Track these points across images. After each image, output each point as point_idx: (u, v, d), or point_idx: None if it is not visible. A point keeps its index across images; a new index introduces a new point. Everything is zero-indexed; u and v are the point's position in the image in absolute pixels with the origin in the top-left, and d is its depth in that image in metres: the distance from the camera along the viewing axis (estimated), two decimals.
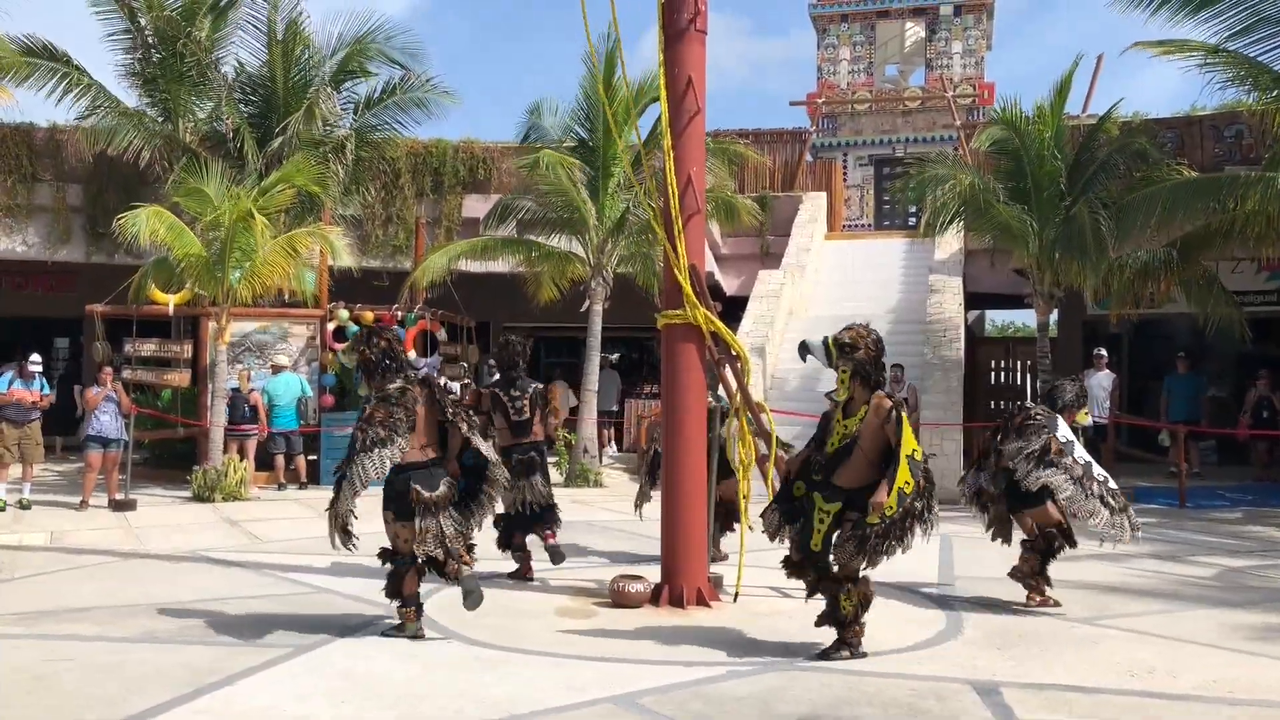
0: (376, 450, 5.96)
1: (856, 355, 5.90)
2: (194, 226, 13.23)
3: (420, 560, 6.17)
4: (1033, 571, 7.23)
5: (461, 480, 6.40)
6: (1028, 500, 7.18)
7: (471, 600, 6.08)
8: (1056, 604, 7.15)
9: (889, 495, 5.56)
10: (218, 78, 15.76)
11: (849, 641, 5.84)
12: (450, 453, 6.36)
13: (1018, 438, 7.10)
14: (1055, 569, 7.50)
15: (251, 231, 12.68)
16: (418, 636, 6.18)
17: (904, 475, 5.59)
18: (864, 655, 5.82)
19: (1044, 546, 7.21)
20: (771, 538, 6.13)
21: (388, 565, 6.30)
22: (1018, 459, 7.00)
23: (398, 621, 6.27)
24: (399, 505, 6.16)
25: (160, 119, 15.91)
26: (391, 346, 6.33)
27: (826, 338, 6.08)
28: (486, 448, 6.32)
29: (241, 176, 14.78)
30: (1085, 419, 7.43)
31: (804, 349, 6.25)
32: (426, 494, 6.10)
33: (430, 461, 6.23)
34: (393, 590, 6.27)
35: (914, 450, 5.71)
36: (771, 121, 22.18)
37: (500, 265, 16.57)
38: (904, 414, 5.82)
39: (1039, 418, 7.16)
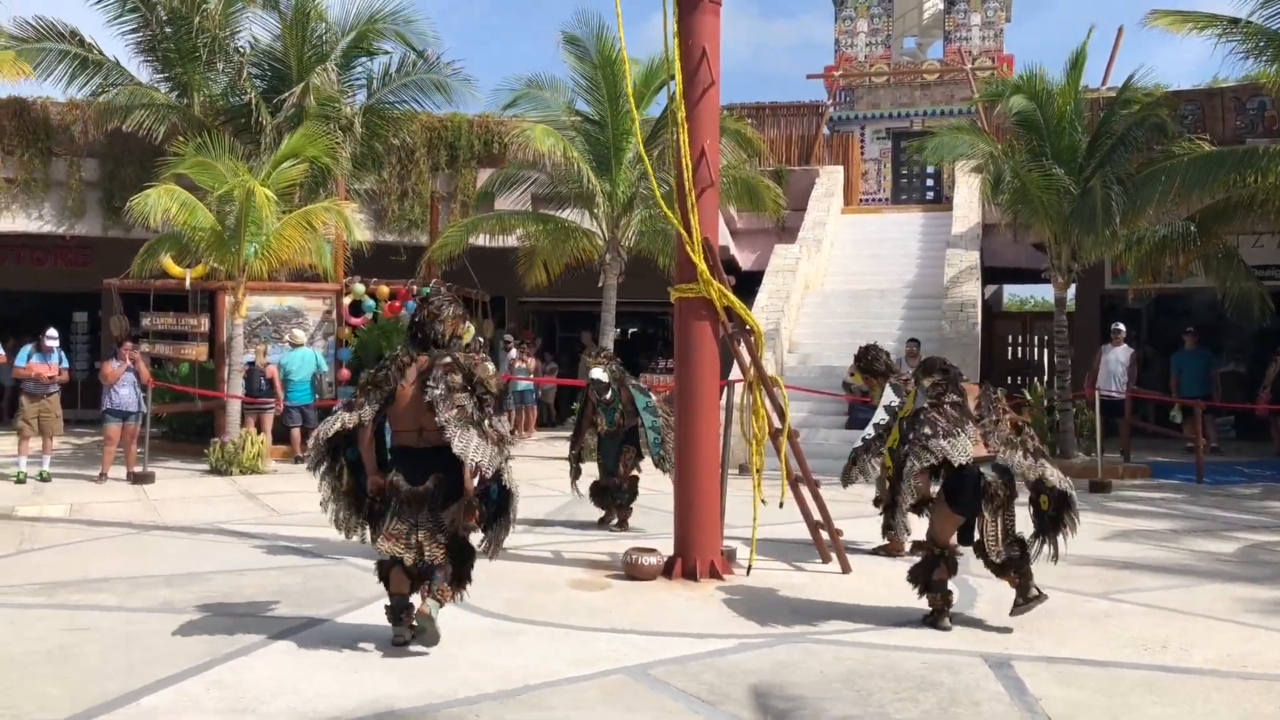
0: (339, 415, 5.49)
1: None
2: (207, 200, 13.26)
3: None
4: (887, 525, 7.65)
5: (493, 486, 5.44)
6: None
7: (423, 638, 5.26)
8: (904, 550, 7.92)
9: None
10: (232, 53, 15.69)
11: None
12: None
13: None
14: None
15: (261, 207, 12.67)
16: (399, 642, 5.39)
17: None
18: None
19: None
20: None
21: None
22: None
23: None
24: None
25: (174, 95, 15.88)
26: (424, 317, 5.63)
27: None
28: (469, 445, 5.18)
29: (258, 151, 14.77)
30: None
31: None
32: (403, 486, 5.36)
33: (418, 450, 5.38)
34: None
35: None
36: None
37: (515, 240, 16.55)
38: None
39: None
